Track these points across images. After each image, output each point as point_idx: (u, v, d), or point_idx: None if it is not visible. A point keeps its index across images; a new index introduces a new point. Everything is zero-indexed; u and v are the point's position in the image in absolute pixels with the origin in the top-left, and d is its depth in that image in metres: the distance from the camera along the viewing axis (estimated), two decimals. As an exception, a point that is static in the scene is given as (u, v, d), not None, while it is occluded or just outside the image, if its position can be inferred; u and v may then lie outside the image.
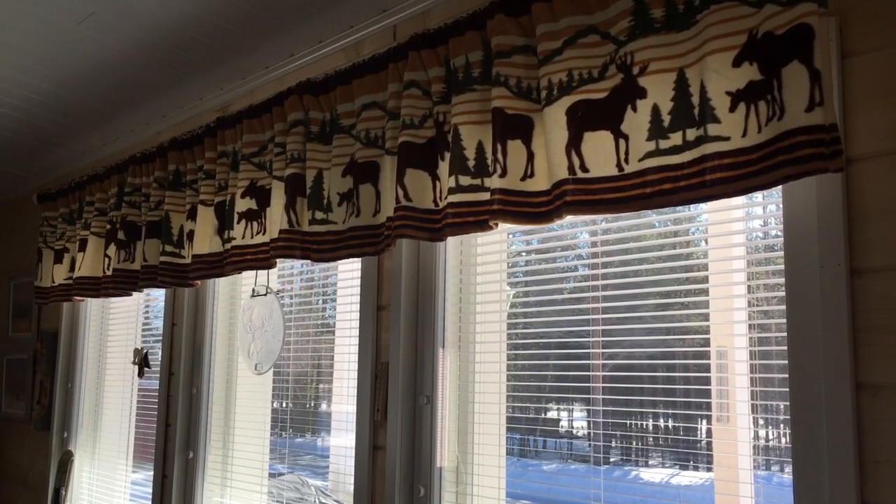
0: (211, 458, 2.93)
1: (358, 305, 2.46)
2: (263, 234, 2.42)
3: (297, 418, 2.78)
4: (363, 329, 2.26)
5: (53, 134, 3.62)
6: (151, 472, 3.22)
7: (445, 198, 1.82)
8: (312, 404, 2.81)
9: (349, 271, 2.56)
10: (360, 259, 2.33)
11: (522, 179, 1.68)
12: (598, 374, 1.85)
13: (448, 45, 1.87)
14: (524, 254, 2.05)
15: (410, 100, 1.95)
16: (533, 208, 1.68)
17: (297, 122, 2.29)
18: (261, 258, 2.42)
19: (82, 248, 3.32)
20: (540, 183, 1.67)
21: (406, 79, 1.96)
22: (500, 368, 2.05)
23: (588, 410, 1.88)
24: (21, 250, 4.34)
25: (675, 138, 1.44)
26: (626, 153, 1.51)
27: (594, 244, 1.92)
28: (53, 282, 3.54)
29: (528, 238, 2.05)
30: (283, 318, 2.57)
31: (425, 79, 1.94)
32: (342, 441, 2.63)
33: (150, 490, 3.12)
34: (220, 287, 3.02)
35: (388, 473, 2.09)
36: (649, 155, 1.47)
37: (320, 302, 2.81)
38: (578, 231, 1.95)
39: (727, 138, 1.36)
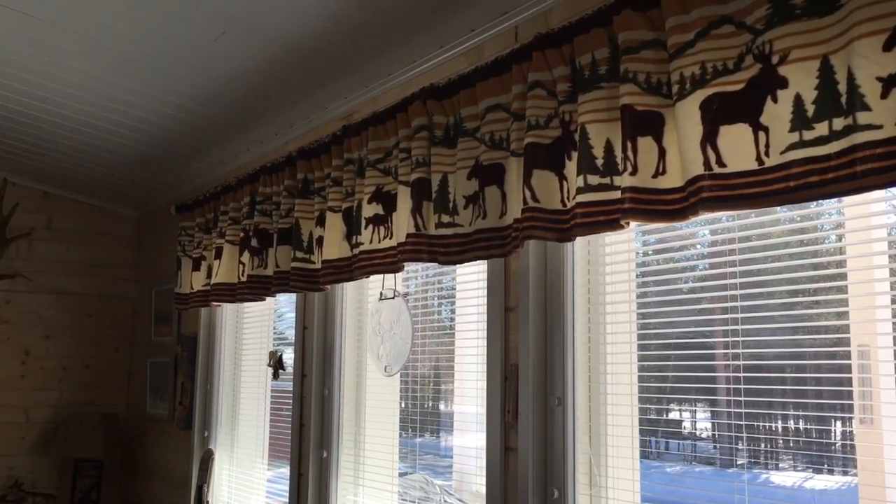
0: (343, 458, 3.00)
1: (478, 306, 2.48)
2: (390, 238, 2.46)
3: (417, 418, 2.83)
4: (491, 331, 2.27)
5: (190, 148, 3.81)
6: (285, 470, 3.35)
7: (574, 198, 1.81)
8: (430, 404, 2.84)
9: (468, 273, 2.58)
10: (482, 261, 2.34)
11: (654, 177, 1.65)
12: (723, 374, 1.79)
13: (573, 44, 1.85)
14: (647, 253, 2.01)
15: (535, 100, 1.94)
16: (665, 206, 1.64)
17: (422, 127, 2.33)
18: (388, 262, 2.47)
19: (218, 255, 3.48)
20: (672, 180, 1.63)
21: (530, 79, 1.95)
22: (630, 370, 2.01)
23: (713, 411, 1.83)
24: (161, 259, 4.59)
25: (821, 129, 1.37)
26: (767, 146, 1.45)
27: (714, 243, 1.87)
28: (192, 288, 3.73)
29: (645, 238, 2.01)
30: (411, 321, 2.61)
31: (550, 79, 1.93)
32: (465, 441, 2.65)
33: (286, 487, 3.24)
34: (348, 291, 3.09)
35: (520, 475, 2.09)
36: (792, 147, 1.41)
37: (435, 303, 2.85)
38: (700, 229, 1.91)
39: (879, 127, 1.29)
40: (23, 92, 3.41)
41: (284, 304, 3.61)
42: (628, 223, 1.70)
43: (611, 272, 2.07)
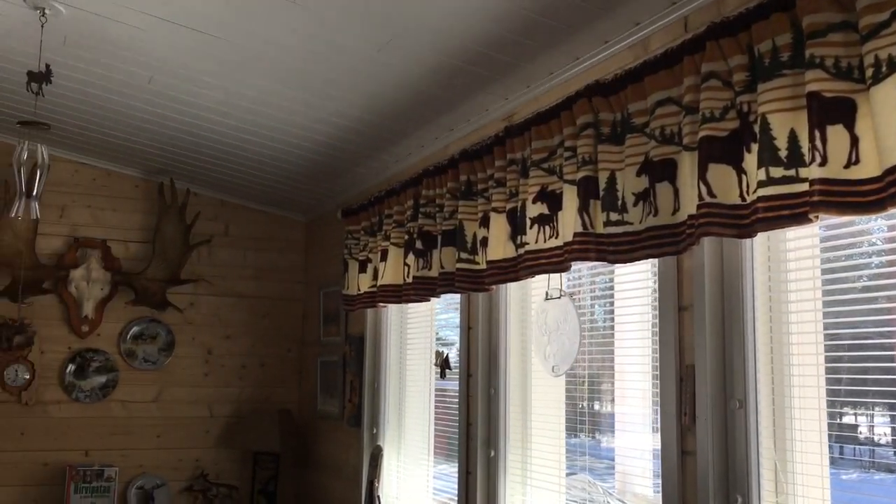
0: (511, 457, 3.02)
1: (640, 305, 2.42)
2: (556, 237, 2.45)
3: (576, 419, 2.80)
4: (664, 331, 2.21)
5: (355, 154, 3.95)
6: (450, 467, 3.40)
7: (754, 191, 1.73)
8: (588, 405, 2.80)
9: (629, 273, 2.52)
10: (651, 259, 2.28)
11: (846, 167, 1.55)
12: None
13: (750, 31, 1.77)
14: (827, 249, 1.91)
15: (709, 92, 1.87)
16: (860, 197, 1.54)
17: (587, 124, 2.30)
18: (554, 262, 2.46)
19: (383, 258, 3.58)
20: (867, 170, 1.53)
21: (704, 70, 1.89)
22: (817, 371, 1.90)
23: (892, 416, 1.71)
24: (329, 262, 4.78)
25: None
26: (981, 129, 1.33)
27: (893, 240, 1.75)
28: (359, 290, 3.86)
29: (825, 234, 1.91)
30: (578, 321, 2.58)
31: (725, 69, 1.86)
32: (628, 443, 2.59)
33: (453, 484, 3.29)
34: (512, 291, 3.11)
35: (699, 480, 2.03)
36: None
37: (589, 302, 2.80)
38: (875, 226, 1.80)
39: None
40: (205, 107, 3.65)
41: (439, 304, 3.67)
42: (818, 217, 1.61)
43: (795, 269, 1.97)
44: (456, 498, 3.24)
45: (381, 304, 3.66)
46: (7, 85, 3.68)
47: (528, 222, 2.55)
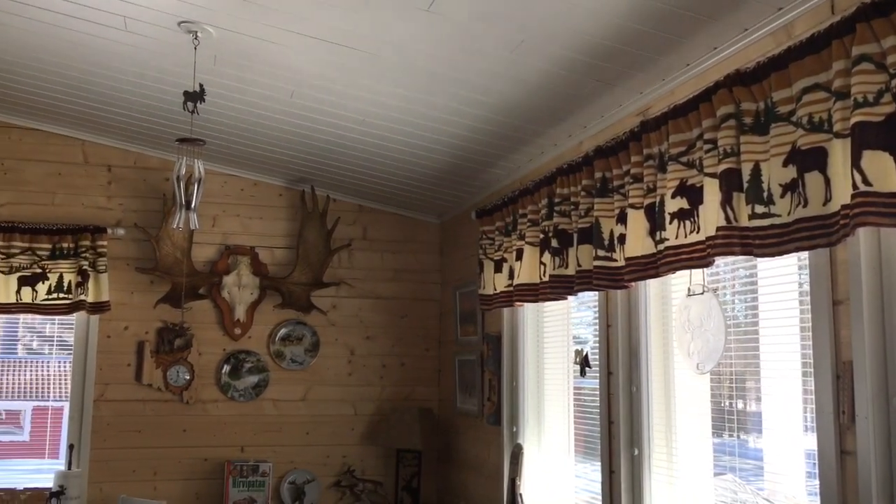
0: (655, 456, 2.97)
1: (786, 300, 2.33)
2: (697, 232, 2.40)
3: (719, 417, 2.72)
4: (817, 326, 2.12)
5: (487, 155, 3.99)
6: (592, 465, 3.38)
7: (916, 178, 1.64)
8: (731, 403, 2.72)
9: (774, 267, 2.43)
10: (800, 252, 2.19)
11: None
12: None
13: (905, 9, 1.69)
14: None
15: (862, 76, 1.79)
16: None
17: (728, 115, 2.24)
18: (696, 257, 2.41)
19: (519, 257, 3.60)
20: None
21: (854, 54, 1.81)
22: None
23: None
24: (464, 262, 4.85)
25: None
26: None
27: None
28: (495, 289, 3.90)
29: None
30: (723, 317, 2.52)
31: (878, 51, 1.77)
32: (777, 443, 2.50)
33: (595, 483, 3.27)
34: (651, 287, 3.06)
35: (860, 481, 1.94)
36: None
37: (728, 297, 2.71)
38: None
39: None
40: (343, 116, 3.79)
41: (573, 302, 3.64)
42: None
43: (962, 258, 1.85)
44: (600, 496, 3.22)
45: (518, 303, 3.69)
46: (164, 105, 3.95)
47: (668, 217, 2.51)
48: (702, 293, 2.62)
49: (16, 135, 4.71)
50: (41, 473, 4.77)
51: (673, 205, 2.49)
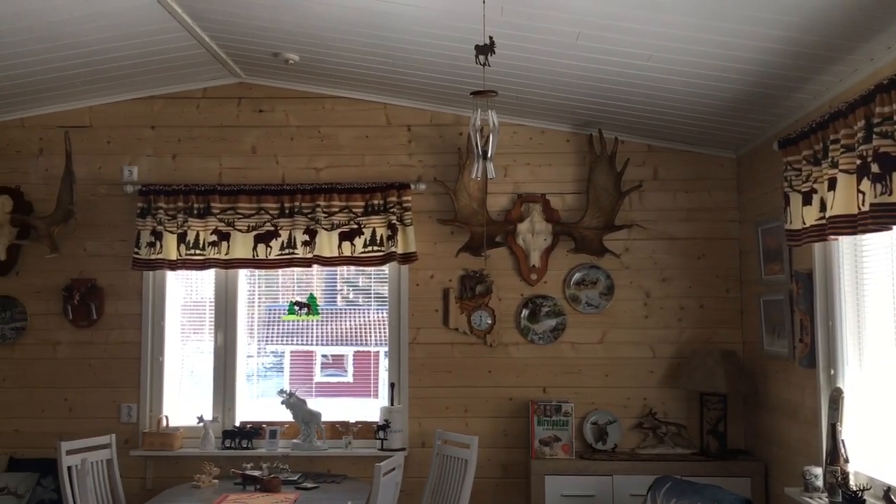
0: None
1: None
2: None
3: None
4: None
5: (788, 79, 3.70)
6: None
7: None
8: None
9: None
10: None
11: None
12: None
13: None
14: None
15: None
16: None
17: None
18: None
19: (832, 187, 3.31)
20: None
21: None
22: None
23: None
24: (765, 197, 4.57)
25: None
26: None
27: None
28: (804, 224, 3.63)
29: None
30: None
31: None
32: None
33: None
34: None
35: None
36: None
37: None
38: None
39: None
40: (629, 55, 3.71)
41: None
42: None
43: None
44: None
45: (832, 236, 3.40)
46: (455, 62, 4.13)
47: None
48: None
49: (329, 104, 5.20)
50: (364, 409, 5.33)
51: None
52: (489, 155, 3.25)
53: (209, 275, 5.22)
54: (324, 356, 6.07)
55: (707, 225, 5.08)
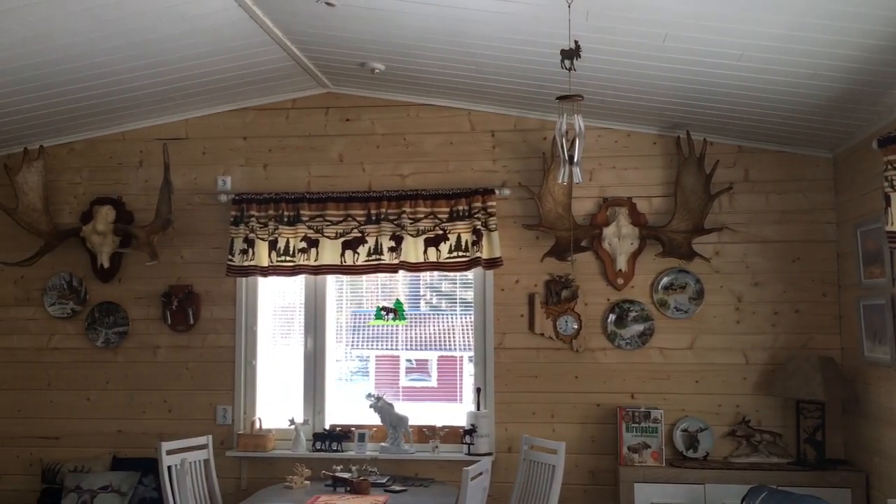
0: None
1: None
2: None
3: None
4: None
5: (886, 75, 3.56)
6: None
7: None
8: None
9: None
10: None
11: None
12: None
13: None
14: None
15: None
16: None
17: None
18: None
19: (937, 186, 3.17)
20: None
21: None
22: None
23: None
24: (864, 198, 4.40)
25: None
26: None
27: None
28: (913, 224, 3.48)
29: None
30: None
31: None
32: None
33: None
34: None
35: None
36: None
37: None
38: None
39: None
40: (718, 55, 3.64)
41: None
42: None
43: None
44: None
45: (939, 238, 3.25)
46: (540, 67, 4.13)
47: None
48: None
49: (413, 111, 5.27)
50: (447, 414, 5.37)
51: None
52: (576, 159, 3.23)
53: (298, 281, 5.35)
54: (408, 360, 6.14)
55: (802, 227, 4.92)
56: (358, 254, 5.10)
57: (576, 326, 5.02)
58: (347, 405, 5.48)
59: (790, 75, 3.75)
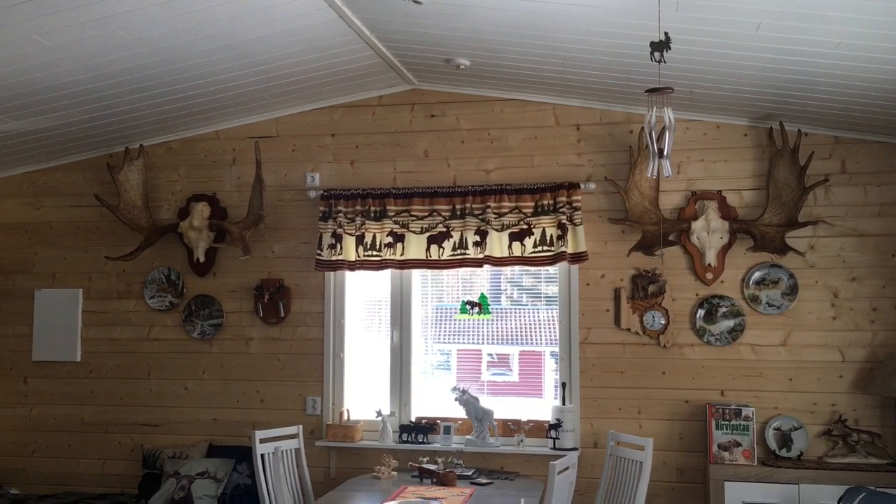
0: None
1: None
2: None
3: None
4: None
5: None
6: None
7: None
8: None
9: None
10: None
11: None
12: None
13: None
14: None
15: None
16: None
17: None
18: None
19: None
20: None
21: None
22: None
23: None
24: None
25: None
26: None
27: None
28: None
29: None
30: None
31: None
32: None
33: None
34: None
35: None
36: None
37: None
38: None
39: None
40: (814, 42, 3.53)
41: None
42: None
43: None
44: None
45: None
46: (627, 59, 4.08)
47: None
48: None
49: (497, 106, 5.28)
50: (530, 408, 5.37)
51: None
52: (666, 153, 3.19)
53: (383, 275, 5.43)
54: (490, 355, 6.16)
55: (903, 220, 4.75)
56: (443, 248, 5.15)
57: (663, 321, 4.95)
58: (431, 398, 5.55)
59: (891, 63, 3.61)
